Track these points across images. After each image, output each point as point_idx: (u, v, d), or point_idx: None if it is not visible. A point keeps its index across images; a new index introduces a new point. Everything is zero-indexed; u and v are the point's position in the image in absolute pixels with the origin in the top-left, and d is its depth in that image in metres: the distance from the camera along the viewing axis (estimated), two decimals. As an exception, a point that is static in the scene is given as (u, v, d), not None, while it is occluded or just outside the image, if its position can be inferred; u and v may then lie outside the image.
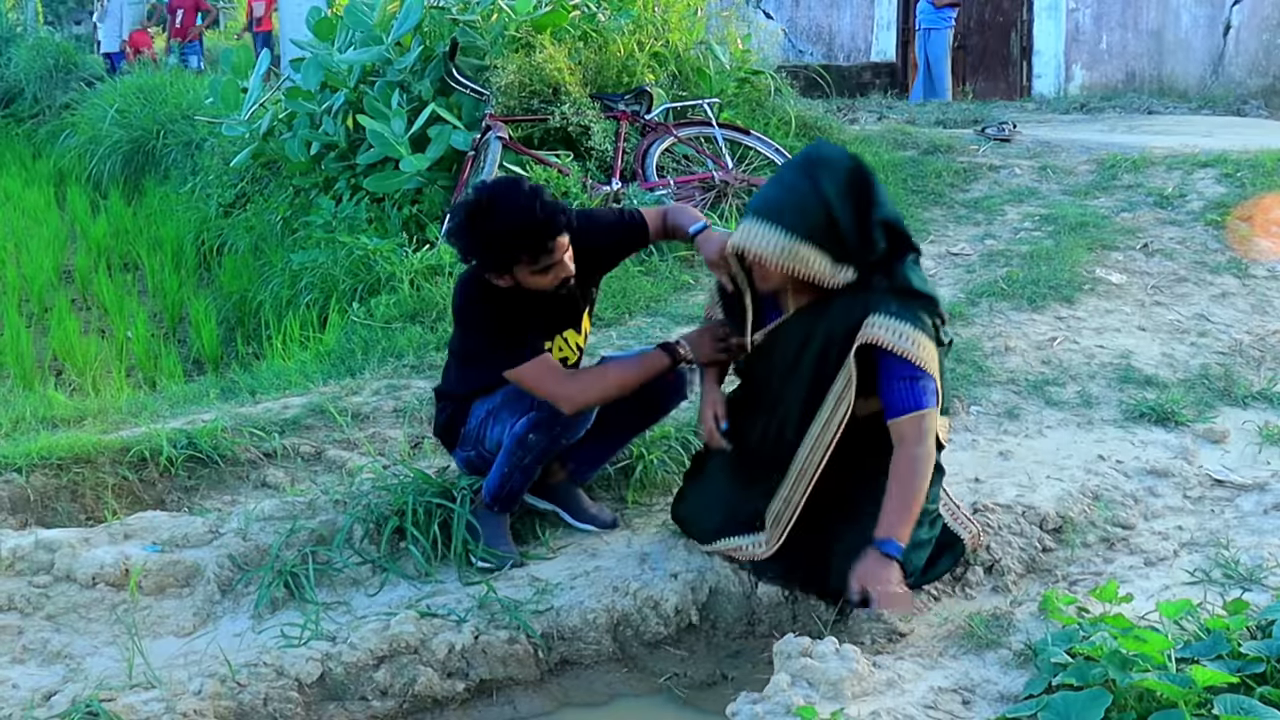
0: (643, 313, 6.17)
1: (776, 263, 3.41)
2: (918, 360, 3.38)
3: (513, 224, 3.62)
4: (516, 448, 3.92)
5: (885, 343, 3.38)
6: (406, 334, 6.00)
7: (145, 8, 20.13)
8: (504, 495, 4.03)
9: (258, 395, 5.44)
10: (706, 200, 7.75)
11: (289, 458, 4.81)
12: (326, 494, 4.32)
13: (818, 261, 3.41)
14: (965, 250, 7.14)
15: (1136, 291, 6.26)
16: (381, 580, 3.96)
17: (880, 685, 3.10)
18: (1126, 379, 5.23)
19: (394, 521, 4.08)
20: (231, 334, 7.76)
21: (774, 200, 3.47)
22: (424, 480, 4.22)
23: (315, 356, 6.11)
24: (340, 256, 7.18)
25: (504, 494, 4.03)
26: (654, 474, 4.44)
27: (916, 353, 3.38)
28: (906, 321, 3.41)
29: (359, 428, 4.99)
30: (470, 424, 4.07)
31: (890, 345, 3.38)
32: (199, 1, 18.70)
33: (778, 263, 3.41)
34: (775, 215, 3.42)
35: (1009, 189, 8.08)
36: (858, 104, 12.38)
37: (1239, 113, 11.47)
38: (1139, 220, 7.20)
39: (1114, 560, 3.85)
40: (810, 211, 3.42)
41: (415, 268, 6.67)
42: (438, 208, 7.69)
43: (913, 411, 3.40)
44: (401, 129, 7.75)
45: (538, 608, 3.72)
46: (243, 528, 4.10)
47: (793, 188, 3.47)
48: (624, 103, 7.95)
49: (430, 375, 5.40)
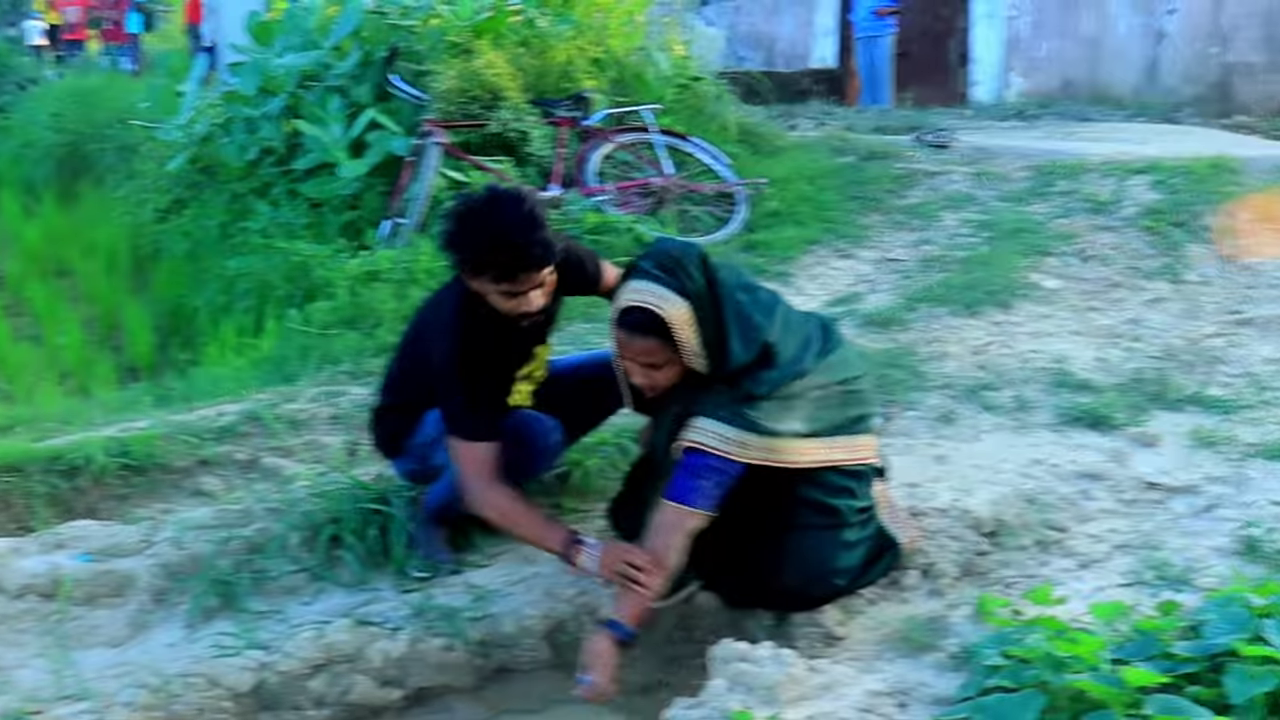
0: (581, 319, 6.16)
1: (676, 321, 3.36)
2: (730, 455, 3.34)
3: (492, 232, 3.47)
4: None
5: (704, 447, 3.35)
6: (343, 340, 5.96)
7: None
8: (447, 514, 4.01)
9: (193, 402, 5.39)
10: (646, 206, 7.75)
11: (224, 465, 4.77)
12: (262, 502, 4.29)
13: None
14: (902, 256, 7.18)
15: (1072, 297, 6.32)
16: (317, 589, 3.92)
17: (817, 689, 3.10)
18: (1061, 383, 5.27)
19: (330, 529, 4.05)
20: (166, 341, 7.67)
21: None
22: (360, 487, 4.20)
23: (251, 363, 6.06)
24: (277, 262, 7.14)
25: (447, 514, 4.01)
26: (591, 480, 4.41)
27: (731, 450, 3.34)
28: (733, 425, 3.34)
29: (295, 435, 4.95)
30: (417, 439, 3.99)
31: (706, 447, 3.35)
32: None
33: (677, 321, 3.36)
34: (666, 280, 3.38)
35: (946, 195, 8.13)
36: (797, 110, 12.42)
37: (1172, 120, 11.58)
38: (1074, 226, 7.26)
39: (1048, 563, 3.87)
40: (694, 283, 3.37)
41: (353, 274, 6.63)
42: (376, 214, 7.65)
43: (678, 504, 3.37)
44: (340, 134, 7.72)
45: (474, 615, 3.70)
46: (176, 536, 4.06)
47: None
48: (564, 108, 7.95)
49: (367, 382, 5.36)
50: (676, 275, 3.37)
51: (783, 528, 3.54)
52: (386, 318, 6.16)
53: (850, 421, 3.58)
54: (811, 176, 8.51)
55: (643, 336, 3.38)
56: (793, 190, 8.21)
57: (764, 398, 3.38)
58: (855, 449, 3.61)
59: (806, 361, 3.48)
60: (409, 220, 7.23)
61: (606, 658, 3.31)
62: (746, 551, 3.57)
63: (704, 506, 3.37)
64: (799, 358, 3.47)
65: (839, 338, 3.67)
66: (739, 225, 7.76)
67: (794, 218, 7.87)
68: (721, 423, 3.35)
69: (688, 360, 3.38)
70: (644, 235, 7.10)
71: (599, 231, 7.09)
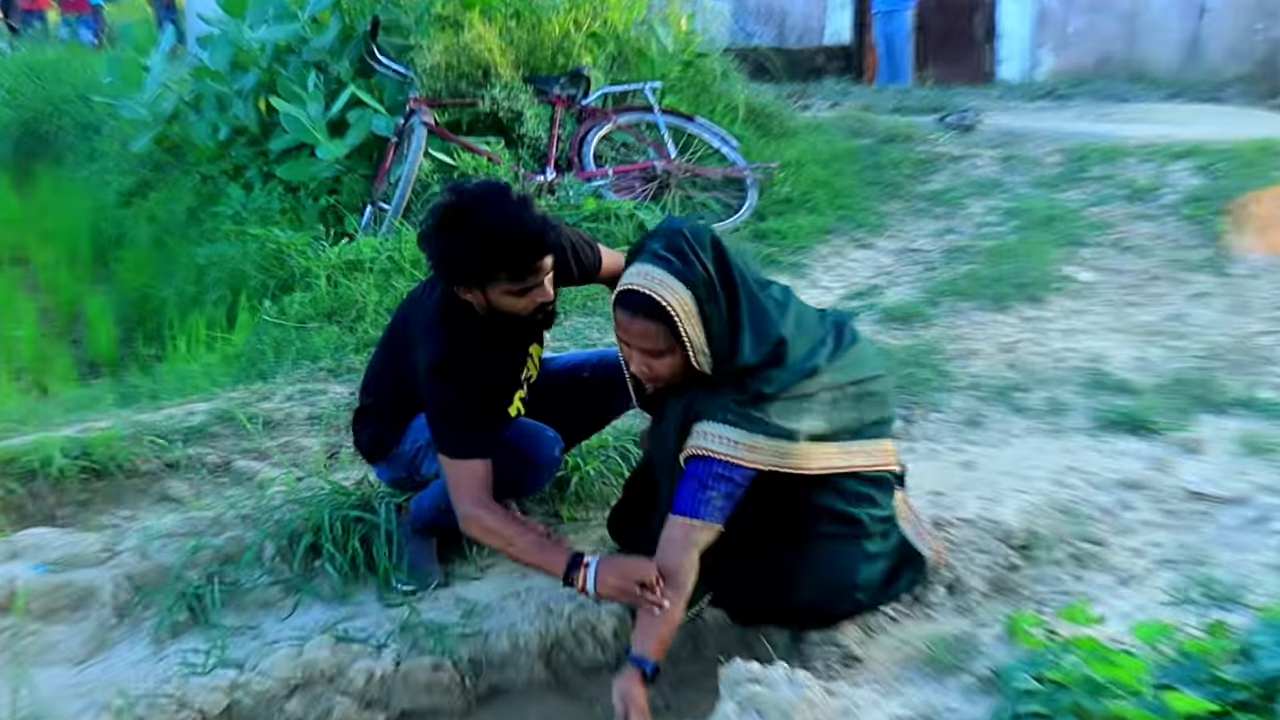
0: (579, 312, 6.14)
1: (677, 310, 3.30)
2: (738, 460, 3.30)
3: (498, 234, 3.38)
4: None
5: (709, 452, 3.31)
6: (323, 334, 5.95)
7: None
8: (436, 524, 3.98)
9: (159, 401, 5.38)
10: (648, 191, 7.75)
11: (193, 469, 4.76)
12: (234, 508, 4.27)
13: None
14: (925, 246, 7.18)
15: (1108, 291, 6.31)
16: (294, 602, 3.91)
17: (835, 714, 3.08)
18: (1098, 384, 5.26)
19: (308, 538, 4.03)
20: (131, 334, 7.66)
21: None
22: (341, 493, 4.18)
23: (222, 359, 6.06)
24: (250, 250, 7.13)
25: (435, 526, 3.98)
26: (591, 486, 4.40)
27: (739, 455, 3.30)
28: (740, 428, 3.30)
29: (270, 436, 4.94)
30: (405, 446, 3.96)
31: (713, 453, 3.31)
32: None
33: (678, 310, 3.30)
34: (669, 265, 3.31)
35: (972, 181, 8.14)
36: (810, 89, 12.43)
37: (1216, 100, 11.59)
38: (1111, 214, 7.26)
39: (1085, 579, 3.85)
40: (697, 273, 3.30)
41: (332, 263, 6.63)
42: (357, 198, 7.65)
43: (687, 517, 3.32)
44: (318, 113, 7.70)
45: (465, 631, 3.68)
46: (142, 545, 4.05)
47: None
48: (559, 86, 7.94)
49: (349, 379, 5.36)
50: (684, 259, 3.28)
51: (799, 538, 3.51)
52: (369, 310, 6.15)
53: (868, 424, 3.55)
54: (826, 160, 8.51)
55: (643, 319, 3.29)
56: (806, 175, 8.22)
57: (774, 397, 3.33)
58: (875, 454, 3.58)
59: (819, 360, 3.43)
60: (393, 206, 7.22)
61: (639, 700, 3.22)
62: (759, 564, 3.55)
63: (713, 519, 3.32)
64: (811, 356, 3.43)
65: (854, 335, 3.64)
66: (748, 212, 7.76)
67: (807, 204, 7.87)
68: (728, 425, 3.30)
69: (691, 356, 3.32)
70: (646, 223, 7.09)
71: (598, 218, 7.09)
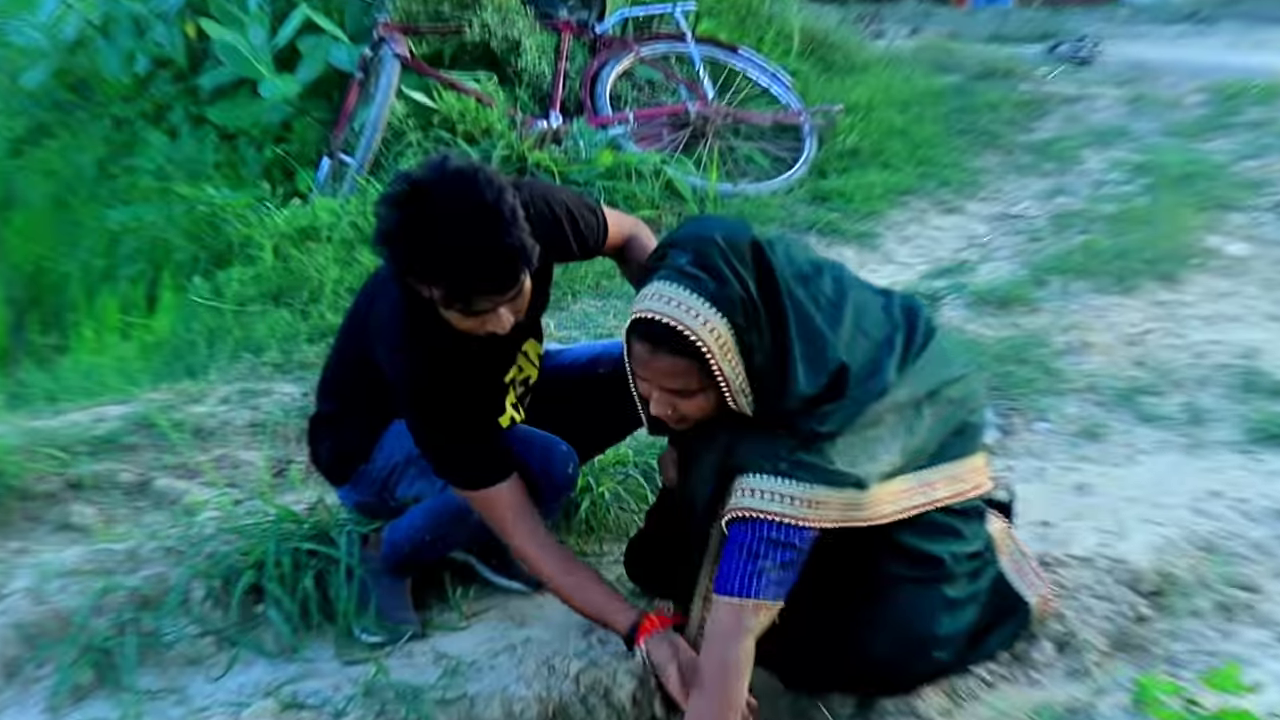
0: (590, 294, 6.16)
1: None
2: (797, 521, 3.27)
3: (458, 248, 3.21)
4: (450, 521, 3.83)
5: (758, 514, 3.27)
6: (268, 320, 5.97)
7: None
8: (413, 561, 4.00)
9: (59, 403, 5.40)
10: (678, 141, 7.74)
11: (102, 489, 4.77)
12: (154, 539, 4.29)
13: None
14: (1029, 211, 7.17)
15: (1264, 267, 6.30)
16: (230, 658, 3.91)
17: (915, 805, 3.10)
18: (1250, 387, 5.25)
19: (248, 577, 4.03)
20: (22, 318, 7.71)
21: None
22: (290, 520, 4.19)
23: (141, 350, 6.08)
24: (176, 214, 7.16)
25: (414, 560, 4.00)
26: (605, 512, 4.42)
27: (799, 515, 3.27)
28: (797, 479, 3.26)
29: (201, 448, 4.96)
30: (377, 463, 3.94)
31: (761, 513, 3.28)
32: None
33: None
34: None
35: (1090, 128, 8.13)
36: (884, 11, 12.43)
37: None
38: (1268, 170, 7.24)
39: (1234, 634, 3.85)
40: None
41: (280, 230, 6.63)
42: (312, 149, 7.66)
43: (737, 596, 3.28)
44: (262, 40, 7.72)
45: (445, 696, 3.68)
46: (35, 587, 4.05)
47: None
48: (567, 8, 7.94)
49: (301, 378, 5.37)
50: (718, 276, 3.21)
51: (866, 583, 3.51)
52: (326, 290, 6.17)
53: (951, 441, 3.53)
54: (904, 102, 8.51)
55: (667, 355, 3.23)
56: (878, 121, 8.21)
57: (834, 435, 3.28)
58: (961, 478, 3.56)
59: (888, 374, 3.38)
60: (356, 159, 7.23)
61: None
62: (817, 616, 3.55)
63: (771, 595, 3.28)
64: (877, 371, 3.38)
65: (931, 326, 3.59)
66: (804, 168, 7.75)
67: (880, 158, 7.87)
68: (781, 478, 3.26)
69: (729, 398, 3.28)
70: (677, 182, 7.08)
71: (615, 176, 7.09)
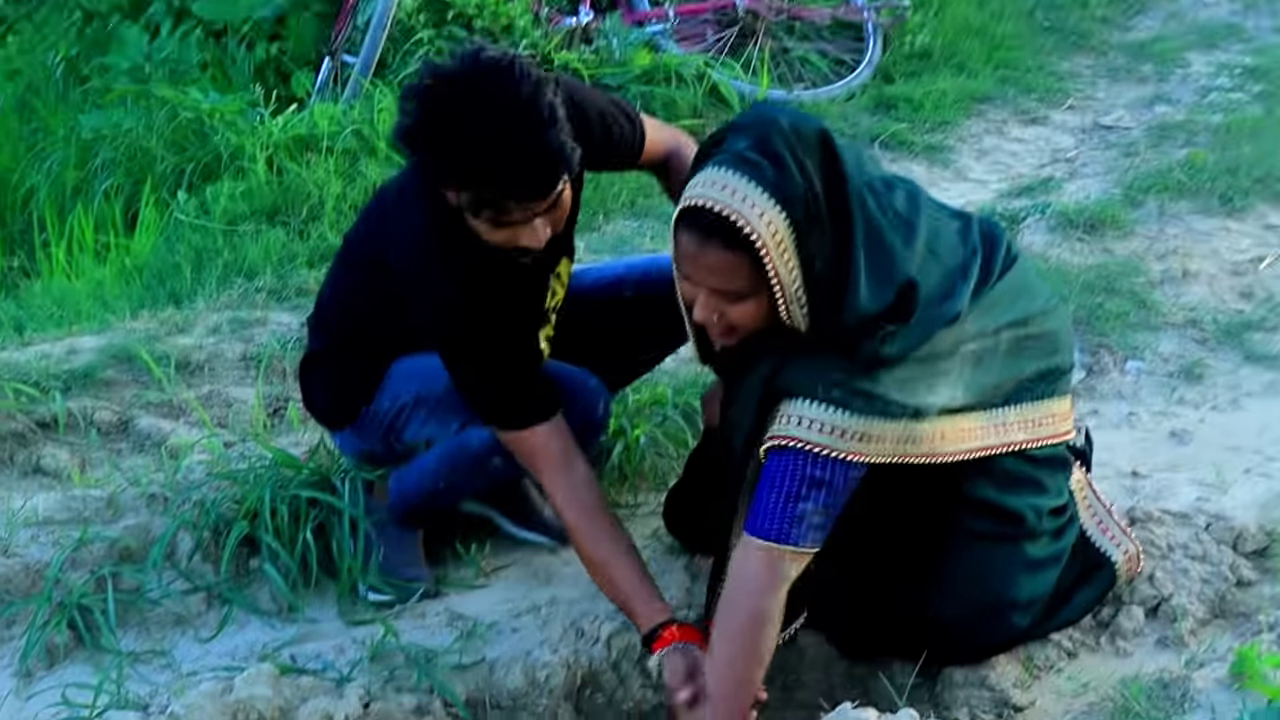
0: (624, 214, 6.15)
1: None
2: (845, 454, 3.25)
3: (490, 146, 3.21)
4: (467, 467, 3.86)
5: (801, 443, 3.25)
6: (261, 241, 5.97)
7: None
8: (423, 511, 4.02)
9: (27, 334, 5.41)
10: (724, 40, 7.71)
11: (77, 429, 4.78)
12: (136, 485, 4.32)
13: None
14: (1124, 121, 7.13)
15: (1388, 188, 6.27)
16: (221, 618, 3.94)
17: (984, 785, 3.11)
18: (1375, 322, 5.24)
19: (241, 528, 4.04)
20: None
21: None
22: (287, 464, 4.20)
23: (119, 274, 6.08)
24: (157, 121, 7.14)
25: (424, 510, 4.02)
26: (640, 458, 4.42)
27: (847, 448, 3.24)
28: (849, 410, 3.24)
29: (188, 384, 4.97)
30: (382, 404, 3.94)
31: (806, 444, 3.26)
32: None
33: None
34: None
35: (1195, 26, 8.07)
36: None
37: None
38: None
39: (1348, 600, 3.85)
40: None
41: (275, 139, 6.65)
42: (309, 48, 7.64)
43: (770, 541, 3.26)
44: (254, -81, 7.70)
45: (461, 661, 3.71)
46: (4, 538, 4.09)
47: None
48: (599, -119, 7.91)
49: (298, 305, 5.37)
50: (780, 165, 3.17)
51: (936, 540, 3.53)
52: (327, 207, 6.18)
53: (1032, 381, 3.52)
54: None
55: (717, 248, 3.19)
56: (952, 18, 8.15)
57: (896, 360, 3.26)
58: (1042, 422, 3.56)
59: (959, 300, 3.35)
60: (360, 59, 7.21)
61: None
62: (881, 575, 3.57)
63: (807, 541, 3.26)
64: (950, 296, 3.35)
65: (1013, 253, 3.58)
66: (868, 71, 7.72)
67: (954, 60, 7.83)
68: (830, 406, 3.23)
69: (781, 305, 3.24)
70: (723, 86, 7.07)
71: (653, 79, 7.06)
